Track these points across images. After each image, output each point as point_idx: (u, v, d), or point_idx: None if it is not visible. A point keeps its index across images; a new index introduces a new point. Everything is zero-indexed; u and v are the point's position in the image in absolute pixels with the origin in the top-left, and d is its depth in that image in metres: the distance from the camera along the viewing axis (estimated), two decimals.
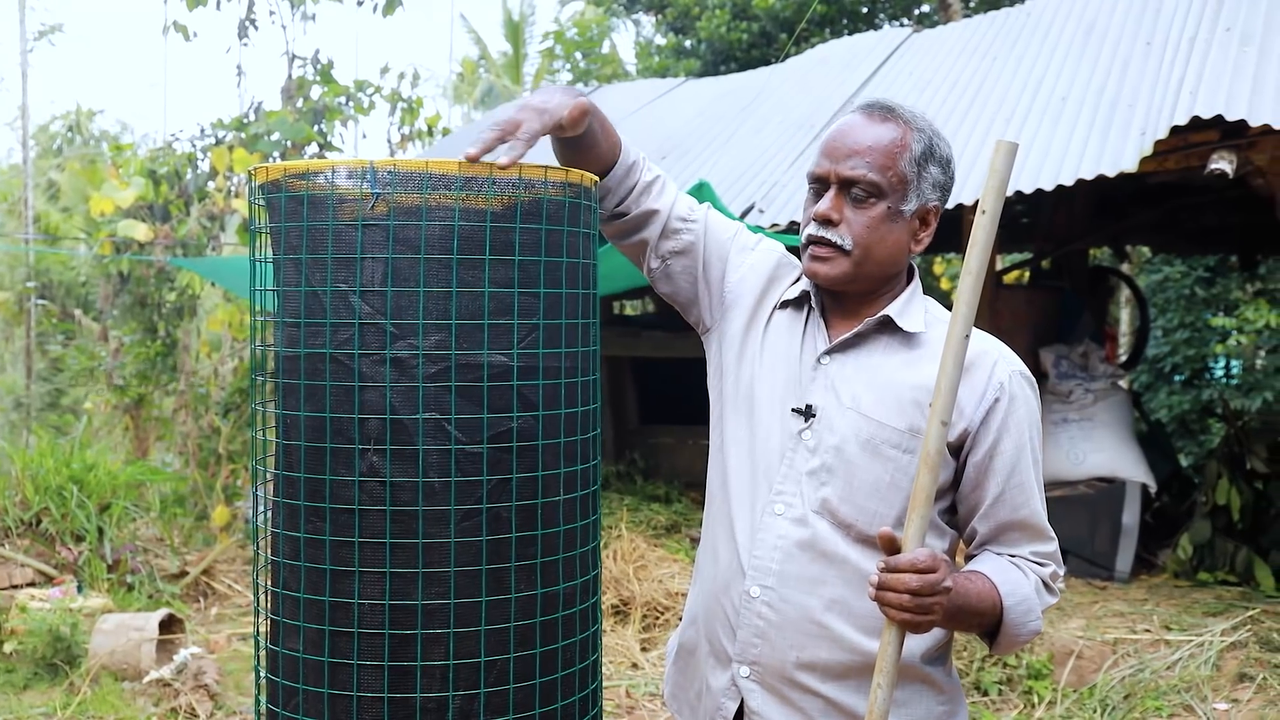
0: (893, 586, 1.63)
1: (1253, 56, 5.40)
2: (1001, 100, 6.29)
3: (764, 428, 1.88)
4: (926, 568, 1.63)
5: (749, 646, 1.86)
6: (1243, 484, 6.49)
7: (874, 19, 14.57)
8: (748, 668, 1.87)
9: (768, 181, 6.38)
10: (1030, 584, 1.82)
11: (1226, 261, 11.94)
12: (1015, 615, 1.79)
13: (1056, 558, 1.88)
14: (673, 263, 1.99)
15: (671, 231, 1.97)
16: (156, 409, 8.87)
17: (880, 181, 1.81)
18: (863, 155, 1.82)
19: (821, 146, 1.87)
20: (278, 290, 1.65)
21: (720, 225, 2.02)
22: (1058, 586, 1.88)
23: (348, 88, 9.15)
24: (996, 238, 6.24)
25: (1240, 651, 5.12)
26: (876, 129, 1.84)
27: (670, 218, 1.97)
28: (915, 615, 1.64)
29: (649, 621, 5.74)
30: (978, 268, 1.67)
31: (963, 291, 1.66)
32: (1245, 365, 12.27)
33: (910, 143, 1.84)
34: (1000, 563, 1.83)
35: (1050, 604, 1.87)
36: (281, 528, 1.65)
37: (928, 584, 1.62)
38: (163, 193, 8.46)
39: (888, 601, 1.64)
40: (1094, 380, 6.79)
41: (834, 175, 1.83)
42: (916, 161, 1.84)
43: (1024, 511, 1.84)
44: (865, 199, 1.82)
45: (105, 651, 5.15)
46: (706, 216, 2.00)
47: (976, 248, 1.66)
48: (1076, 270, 8.34)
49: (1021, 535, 1.85)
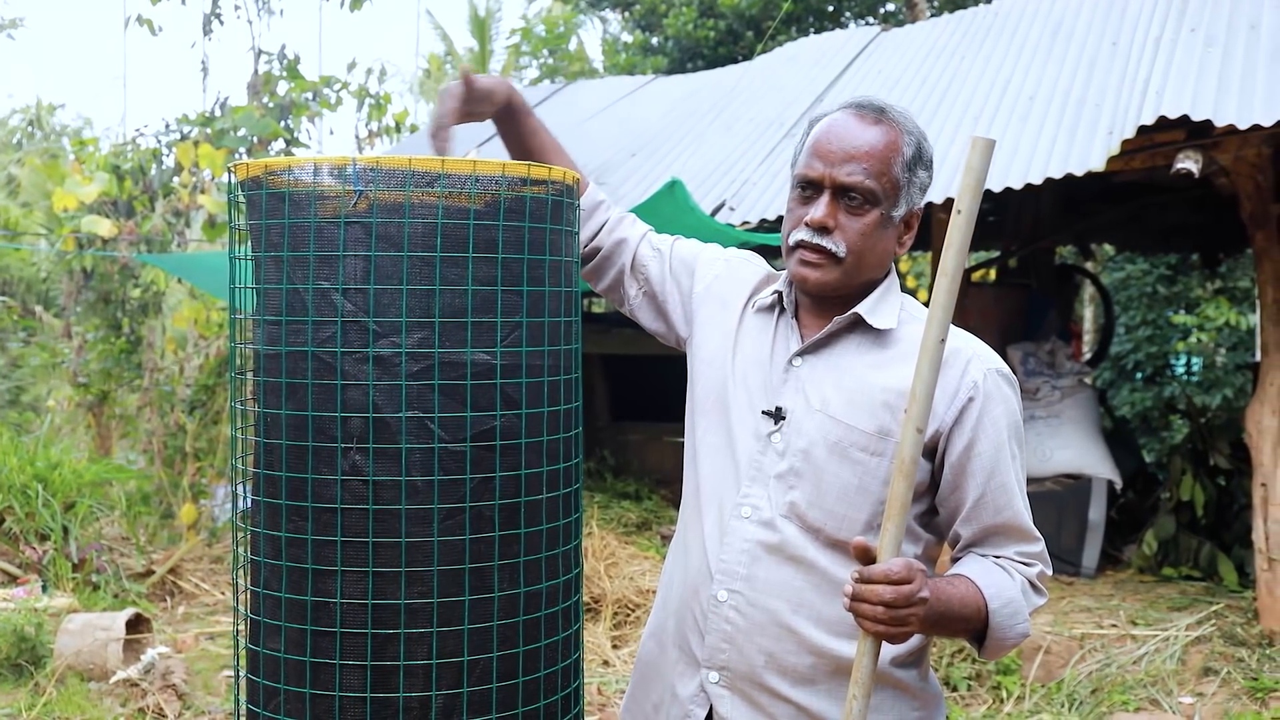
0: (866, 598, 1.61)
1: (1217, 57, 5.46)
2: (970, 99, 6.32)
3: (735, 431, 1.87)
4: (901, 578, 1.60)
5: (717, 651, 1.83)
6: (1206, 480, 6.57)
7: (840, 17, 14.63)
8: (716, 673, 1.84)
9: (738, 179, 6.39)
10: (1016, 585, 1.79)
11: (1187, 260, 12.07)
12: (1001, 618, 1.75)
13: (1043, 557, 1.84)
14: (648, 289, 2.04)
15: (644, 258, 2.04)
16: (120, 406, 8.78)
17: (876, 189, 1.78)
18: (860, 161, 1.78)
19: (812, 147, 1.82)
20: (258, 288, 1.64)
21: (686, 244, 2.07)
22: (1045, 586, 1.85)
23: (315, 83, 9.08)
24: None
25: (1205, 646, 5.18)
26: (871, 132, 1.80)
27: (640, 244, 2.05)
28: (890, 627, 1.61)
29: (620, 619, 5.74)
30: (954, 269, 1.62)
31: (938, 294, 1.63)
32: (1206, 362, 12.40)
33: (902, 146, 1.81)
34: (984, 565, 1.80)
35: (1038, 605, 1.83)
36: (262, 527, 1.64)
37: (902, 595, 1.60)
38: (127, 188, 8.37)
39: (862, 613, 1.61)
40: (1061, 378, 6.85)
41: (829, 180, 1.79)
42: (908, 166, 1.82)
43: (1007, 513, 1.80)
44: (860, 205, 1.79)
45: (71, 652, 5.10)
46: (673, 242, 2.07)
47: (952, 249, 1.62)
48: (1043, 268, 8.42)
49: (1006, 537, 1.82)
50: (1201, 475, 6.56)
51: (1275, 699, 4.70)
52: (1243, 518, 6.28)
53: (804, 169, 1.82)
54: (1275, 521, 5.29)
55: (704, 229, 5.10)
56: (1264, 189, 5.44)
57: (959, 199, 1.63)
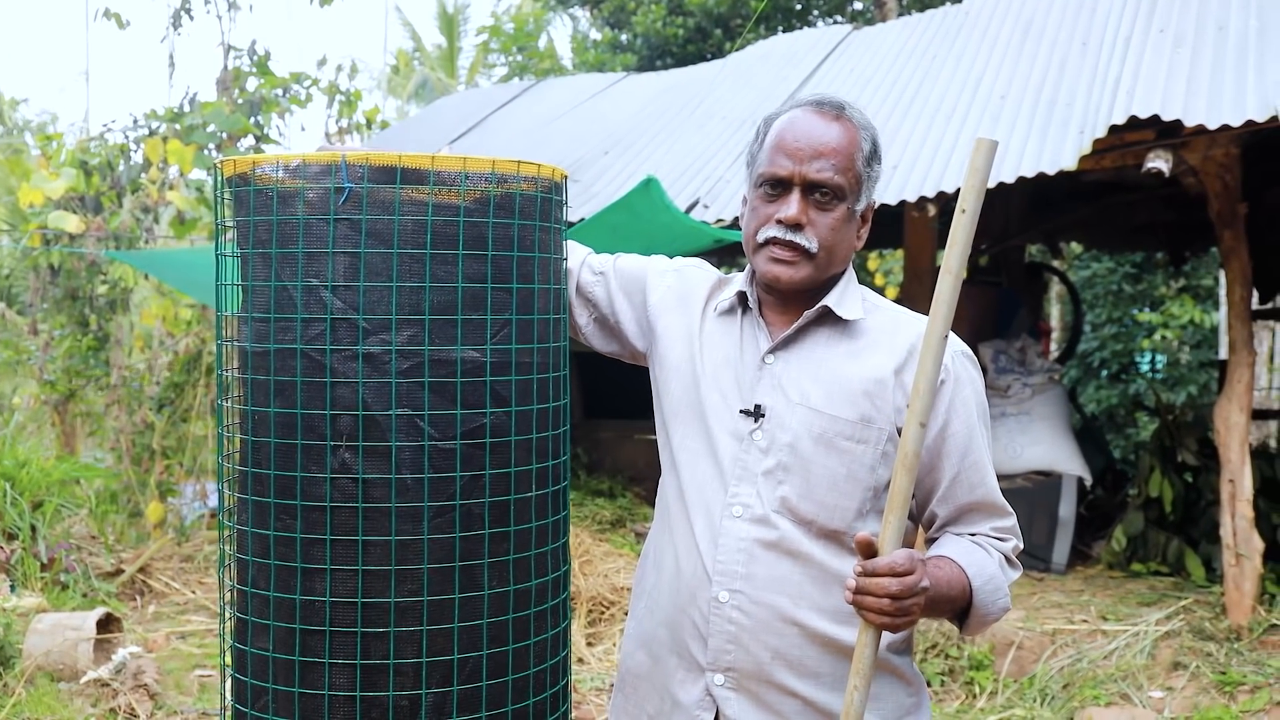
0: (872, 591, 1.63)
1: (1186, 58, 5.51)
2: (942, 98, 6.36)
3: (714, 433, 1.87)
4: (905, 570, 1.63)
5: (722, 653, 1.83)
6: (1174, 476, 6.63)
7: (808, 15, 14.69)
8: (722, 675, 1.84)
9: (711, 177, 6.40)
10: (994, 562, 1.84)
11: (1152, 258, 12.18)
12: (984, 595, 1.80)
13: (1016, 532, 1.90)
14: (597, 314, 2.05)
15: (587, 283, 2.04)
16: (86, 404, 8.68)
17: (843, 184, 1.82)
18: (827, 157, 1.81)
19: (777, 146, 1.84)
20: (246, 285, 1.63)
21: (629, 260, 2.07)
22: (1019, 560, 1.91)
23: (285, 79, 9.01)
24: (936, 235, 6.28)
25: (1174, 640, 5.24)
26: (834, 129, 1.83)
27: (581, 271, 2.05)
28: (895, 618, 1.64)
29: (594, 616, 5.74)
30: (957, 266, 1.66)
31: (941, 291, 1.66)
32: (1170, 360, 12.53)
33: (861, 141, 1.85)
34: (963, 544, 1.84)
35: (1015, 578, 1.88)
36: (250, 525, 1.63)
37: (906, 586, 1.63)
38: (94, 184, 8.28)
39: (866, 605, 1.64)
40: (1031, 375, 6.90)
41: (799, 177, 1.82)
42: (867, 160, 1.86)
43: (981, 490, 1.85)
44: (829, 201, 1.82)
45: (41, 652, 5.04)
46: (613, 260, 2.07)
47: (956, 247, 1.66)
48: (1014, 266, 8.48)
49: (980, 514, 1.87)
50: (1170, 472, 6.63)
51: (1243, 692, 4.76)
52: (1210, 514, 6.35)
53: (771, 167, 1.84)
54: (1242, 517, 5.35)
55: (678, 226, 5.10)
56: (1231, 188, 5.50)
57: (963, 198, 1.67)
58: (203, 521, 7.79)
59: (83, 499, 7.23)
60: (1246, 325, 5.57)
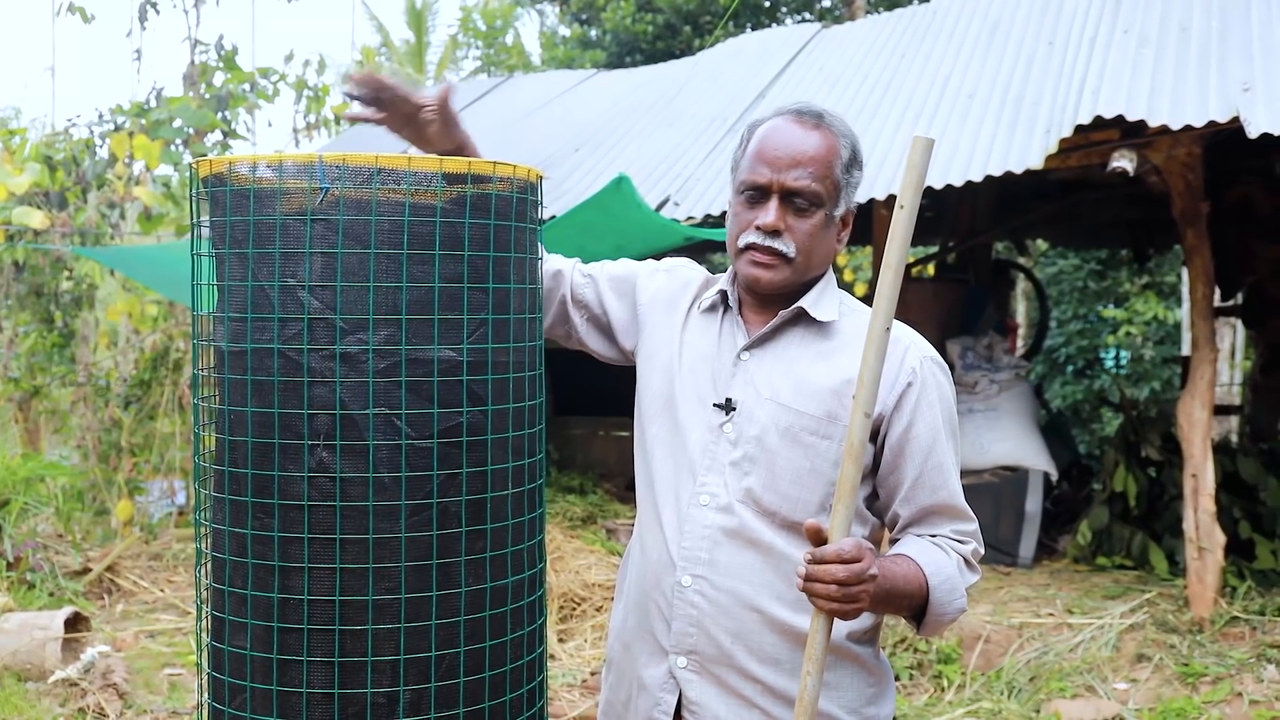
0: (819, 578, 1.67)
1: (1150, 58, 5.58)
2: (911, 97, 6.40)
3: (685, 425, 1.93)
4: (852, 557, 1.67)
5: (685, 636, 1.89)
6: (1138, 471, 6.71)
7: (776, 13, 14.74)
8: (684, 658, 1.90)
9: (682, 175, 6.42)
10: (953, 563, 1.88)
11: (1117, 255, 12.31)
12: (940, 595, 1.84)
13: (977, 536, 1.94)
14: (590, 314, 2.10)
15: (579, 286, 2.10)
16: (51, 401, 8.61)
17: (821, 191, 1.88)
18: (805, 166, 1.86)
19: (757, 154, 1.90)
20: (223, 284, 1.63)
21: (617, 264, 2.14)
22: (978, 564, 1.95)
23: (252, 74, 8.96)
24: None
25: (1138, 633, 5.31)
26: (812, 137, 1.89)
27: (573, 274, 2.10)
28: (843, 604, 1.68)
29: (566, 612, 5.75)
30: (897, 262, 1.70)
31: (883, 286, 1.70)
32: (1133, 356, 12.67)
33: (840, 150, 1.90)
34: (923, 544, 1.89)
35: (973, 581, 1.92)
36: (227, 524, 1.63)
37: (854, 573, 1.67)
38: (59, 179, 8.20)
39: (815, 592, 1.68)
40: (998, 371, 6.96)
41: (777, 185, 1.87)
42: (846, 168, 1.91)
43: (942, 493, 1.90)
44: (807, 208, 1.88)
45: (8, 652, 5.01)
46: (602, 266, 2.13)
47: (895, 242, 1.70)
48: (981, 264, 8.54)
49: (942, 516, 1.91)
50: (1134, 467, 6.70)
51: (1206, 684, 4.83)
52: (1173, 508, 6.43)
53: (751, 175, 1.90)
54: (1205, 511, 5.42)
55: (650, 224, 5.12)
56: (1194, 187, 5.57)
57: (901, 195, 1.72)
58: (171, 519, 7.74)
59: (48, 497, 7.17)
60: (1209, 322, 5.64)
